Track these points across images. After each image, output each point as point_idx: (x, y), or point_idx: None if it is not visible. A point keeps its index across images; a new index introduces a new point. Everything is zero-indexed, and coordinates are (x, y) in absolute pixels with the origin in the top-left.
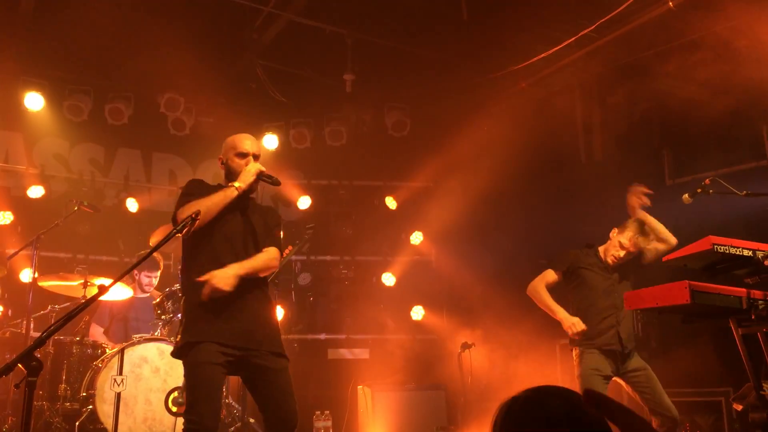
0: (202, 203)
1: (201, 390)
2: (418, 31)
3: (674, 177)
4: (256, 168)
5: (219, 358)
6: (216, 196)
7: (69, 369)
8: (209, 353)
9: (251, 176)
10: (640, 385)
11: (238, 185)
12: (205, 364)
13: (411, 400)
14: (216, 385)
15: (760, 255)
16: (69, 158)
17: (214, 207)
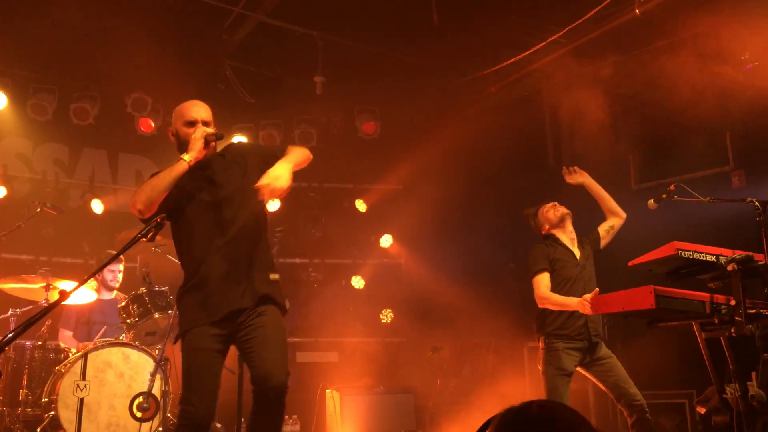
0: (148, 183)
1: (194, 378)
2: (389, 34)
3: (640, 182)
4: (201, 132)
5: (211, 342)
6: (163, 173)
7: (30, 374)
8: (201, 338)
9: (199, 142)
10: (605, 373)
11: (188, 158)
12: (198, 351)
13: (380, 403)
14: (210, 372)
15: (723, 260)
16: (32, 158)
17: (161, 183)
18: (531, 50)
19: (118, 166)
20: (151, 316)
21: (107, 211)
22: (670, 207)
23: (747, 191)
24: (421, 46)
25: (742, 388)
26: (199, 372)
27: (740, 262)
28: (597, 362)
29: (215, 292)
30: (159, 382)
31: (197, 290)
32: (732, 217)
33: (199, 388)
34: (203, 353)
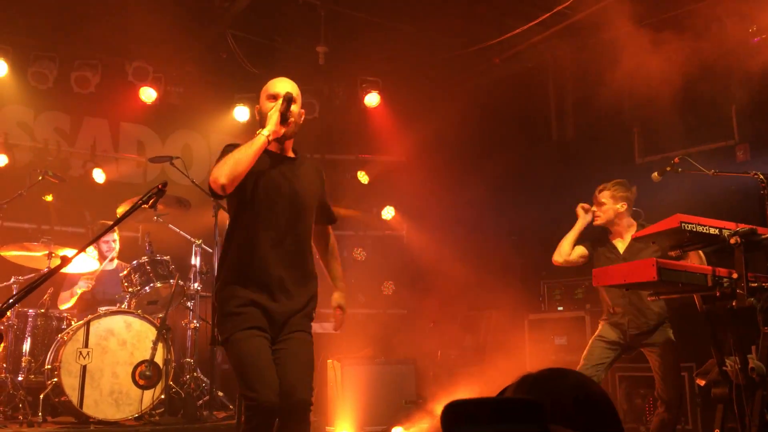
0: (230, 157)
1: (251, 363)
2: (393, 3)
3: (644, 155)
4: (278, 104)
5: (260, 332)
6: (243, 147)
7: (33, 341)
8: (251, 321)
9: (274, 115)
10: (655, 362)
11: (266, 131)
12: (249, 338)
13: (380, 374)
14: (266, 355)
15: (726, 233)
16: (33, 126)
17: (245, 157)
18: (536, 21)
19: (120, 136)
20: (154, 284)
21: (109, 180)
22: (674, 180)
23: (751, 165)
24: (425, 16)
25: (743, 361)
26: (255, 355)
27: (743, 235)
28: (649, 347)
29: (272, 295)
30: (161, 350)
31: (250, 285)
32: (736, 191)
33: (258, 371)
34: (256, 339)
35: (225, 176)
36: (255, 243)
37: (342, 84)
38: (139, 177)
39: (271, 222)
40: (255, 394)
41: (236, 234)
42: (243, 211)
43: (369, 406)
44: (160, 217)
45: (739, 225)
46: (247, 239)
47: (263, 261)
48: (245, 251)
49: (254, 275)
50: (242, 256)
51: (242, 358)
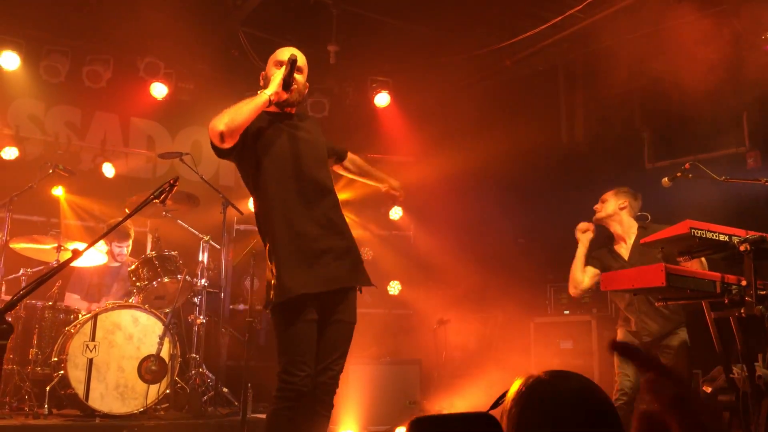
0: (230, 107)
1: (295, 347)
2: (405, 4)
3: (654, 161)
4: (281, 71)
5: (312, 314)
6: (242, 102)
7: (40, 334)
8: (303, 309)
9: (279, 76)
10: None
11: (268, 91)
12: (299, 322)
13: (385, 373)
14: (311, 343)
15: (736, 240)
16: (44, 120)
17: (244, 108)
18: (548, 24)
19: (130, 131)
20: (161, 279)
21: (118, 175)
22: (684, 186)
23: (762, 172)
24: (436, 17)
25: (750, 369)
26: (300, 341)
27: (753, 242)
28: (665, 348)
29: (323, 260)
30: (167, 345)
31: (300, 252)
32: (746, 198)
33: (300, 357)
34: (306, 324)
35: (224, 124)
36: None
37: (352, 83)
38: (148, 172)
39: (298, 180)
40: (296, 378)
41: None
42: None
43: (373, 405)
44: (169, 213)
45: (748, 232)
46: (281, 205)
47: (305, 221)
48: (285, 217)
49: (300, 236)
50: (284, 221)
51: (293, 339)
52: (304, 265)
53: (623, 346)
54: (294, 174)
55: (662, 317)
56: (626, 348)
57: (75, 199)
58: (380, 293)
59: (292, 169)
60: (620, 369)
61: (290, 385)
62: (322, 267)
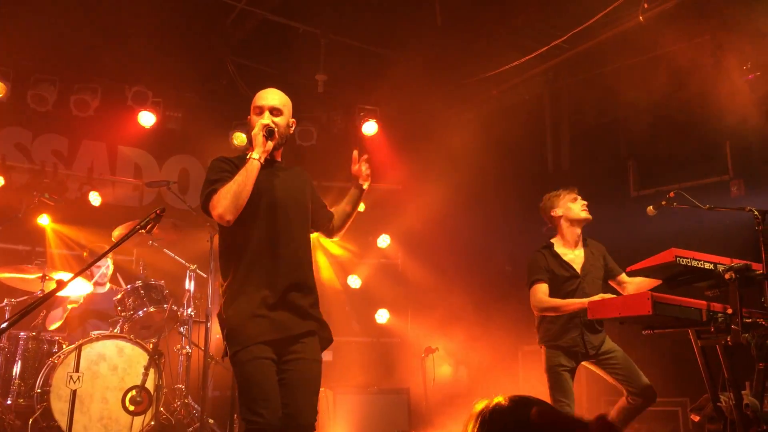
0: (228, 189)
1: (256, 387)
2: (392, 34)
3: (639, 189)
4: (259, 125)
5: (267, 352)
6: (239, 177)
7: (24, 364)
8: (258, 349)
9: (260, 136)
10: (615, 366)
11: (256, 155)
12: (255, 360)
13: (373, 403)
14: (271, 379)
15: (721, 268)
16: (31, 149)
17: (245, 189)
18: (534, 54)
19: (117, 159)
20: (147, 309)
21: (105, 203)
22: (669, 214)
23: (746, 200)
24: (423, 47)
25: (737, 397)
26: (261, 379)
27: (738, 270)
28: (605, 355)
29: (275, 309)
30: (153, 375)
31: (252, 302)
32: (731, 226)
33: (262, 395)
34: (262, 362)
35: (230, 212)
36: (255, 252)
37: (340, 112)
38: (135, 201)
39: (268, 227)
40: (259, 418)
41: (235, 244)
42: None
43: None
44: (155, 242)
45: (733, 260)
46: (246, 249)
47: (266, 270)
48: (247, 262)
49: (258, 286)
50: (244, 267)
51: (249, 379)
52: (257, 316)
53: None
54: (270, 229)
55: (599, 329)
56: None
57: (61, 228)
58: (368, 321)
59: (264, 217)
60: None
61: (255, 426)
62: (276, 318)
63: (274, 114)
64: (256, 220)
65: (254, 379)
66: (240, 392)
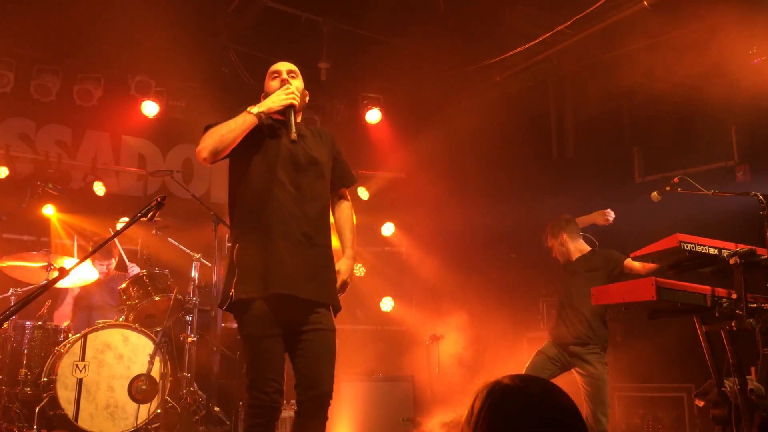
0: (215, 131)
1: (261, 363)
2: (395, 21)
3: (644, 175)
4: (284, 91)
5: (275, 328)
6: (230, 122)
7: (30, 353)
8: (265, 324)
9: (277, 101)
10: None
11: (256, 110)
12: (263, 337)
13: (378, 390)
14: (277, 357)
15: (725, 254)
16: (35, 139)
17: (229, 135)
18: (537, 40)
19: (121, 149)
20: (152, 298)
21: (109, 193)
22: (673, 200)
23: (751, 186)
24: (426, 34)
25: (741, 382)
26: (266, 356)
27: (743, 255)
28: (580, 373)
29: (283, 265)
30: (158, 364)
31: (260, 253)
32: (736, 211)
33: (266, 371)
34: (270, 339)
35: (207, 150)
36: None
37: (343, 100)
38: (139, 190)
39: (285, 182)
40: (264, 396)
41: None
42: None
43: (367, 422)
44: (159, 231)
45: (738, 245)
46: (260, 196)
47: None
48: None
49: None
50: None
51: (258, 356)
52: (261, 271)
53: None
54: (279, 178)
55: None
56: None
57: (65, 218)
58: (373, 309)
59: (281, 173)
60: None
61: (259, 402)
62: (282, 275)
63: (291, 76)
64: (275, 178)
65: (258, 354)
66: (246, 363)
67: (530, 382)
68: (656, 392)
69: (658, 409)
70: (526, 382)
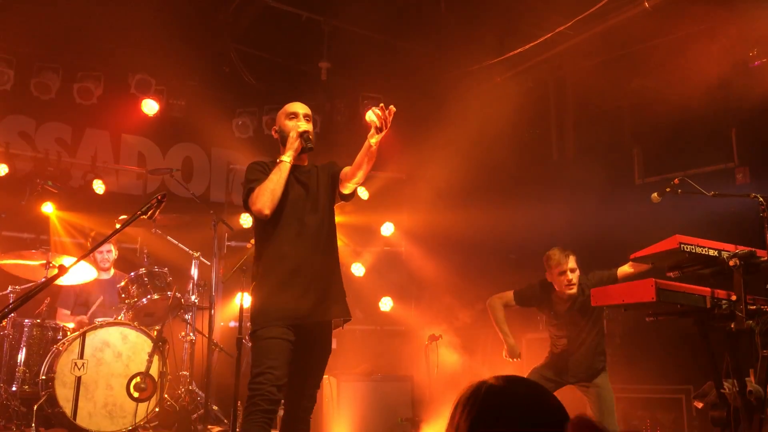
0: (265, 188)
1: (267, 358)
2: (396, 21)
3: (644, 176)
4: (296, 130)
5: (287, 335)
6: (273, 176)
7: (28, 351)
8: (278, 330)
9: (294, 141)
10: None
11: (287, 157)
12: (274, 339)
13: (377, 390)
14: (283, 356)
15: (725, 255)
16: (35, 137)
17: (279, 187)
18: (538, 41)
19: (121, 147)
20: (151, 296)
21: (109, 191)
22: (673, 201)
23: (751, 188)
24: (427, 35)
25: (740, 384)
26: (273, 353)
27: (742, 257)
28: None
29: (303, 296)
30: (157, 362)
31: (283, 288)
32: (735, 213)
33: (271, 367)
34: (280, 342)
35: (268, 208)
36: (286, 251)
37: (343, 100)
38: (139, 189)
39: (297, 221)
40: (263, 385)
41: (269, 238)
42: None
43: (365, 422)
44: (159, 229)
45: (738, 247)
46: (277, 240)
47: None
48: (276, 250)
49: (286, 270)
50: (274, 254)
51: (269, 350)
52: (283, 298)
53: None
54: (293, 219)
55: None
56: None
57: (65, 216)
58: (372, 309)
59: (292, 215)
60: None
61: (258, 392)
62: (300, 302)
63: (307, 120)
64: (283, 214)
65: (266, 351)
66: (253, 362)
67: (515, 383)
68: (655, 394)
69: (657, 410)
70: (511, 382)
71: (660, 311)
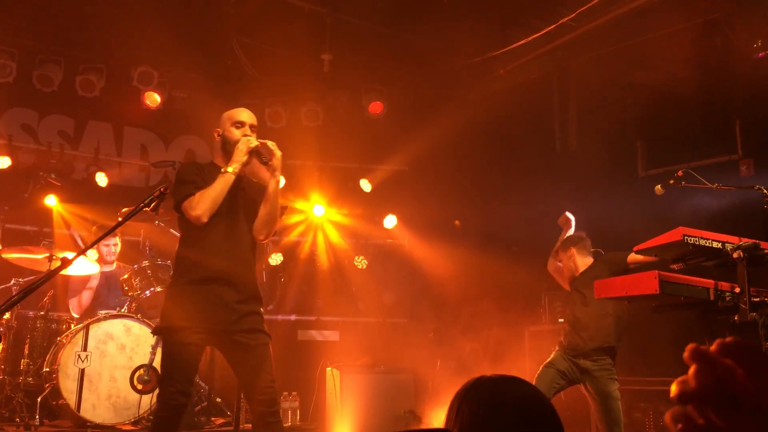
0: (207, 196)
1: (173, 366)
2: (398, 13)
3: (647, 168)
4: (246, 145)
5: (193, 337)
6: (217, 185)
7: (32, 344)
8: (183, 334)
9: (243, 155)
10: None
11: (232, 169)
12: (179, 344)
13: (379, 382)
14: (189, 362)
15: (729, 247)
16: (38, 129)
17: (219, 196)
18: (541, 32)
19: (123, 140)
20: (154, 289)
21: (111, 184)
22: (677, 194)
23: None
24: (430, 26)
25: None
26: (179, 360)
27: (746, 249)
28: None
29: (215, 300)
30: (160, 354)
31: (195, 289)
32: (739, 205)
33: (177, 374)
34: (185, 347)
35: (206, 215)
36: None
37: (346, 92)
38: (141, 181)
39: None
40: (166, 393)
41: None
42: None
43: (367, 415)
44: (161, 222)
45: (742, 239)
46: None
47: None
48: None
49: (203, 275)
50: (189, 264)
51: (173, 358)
52: (191, 302)
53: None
54: (222, 225)
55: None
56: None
57: (68, 209)
58: (374, 302)
59: (223, 221)
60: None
61: (162, 398)
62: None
63: (252, 130)
64: (215, 222)
65: (172, 358)
66: (161, 365)
67: (510, 381)
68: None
69: (660, 402)
70: (506, 380)
71: (663, 303)
